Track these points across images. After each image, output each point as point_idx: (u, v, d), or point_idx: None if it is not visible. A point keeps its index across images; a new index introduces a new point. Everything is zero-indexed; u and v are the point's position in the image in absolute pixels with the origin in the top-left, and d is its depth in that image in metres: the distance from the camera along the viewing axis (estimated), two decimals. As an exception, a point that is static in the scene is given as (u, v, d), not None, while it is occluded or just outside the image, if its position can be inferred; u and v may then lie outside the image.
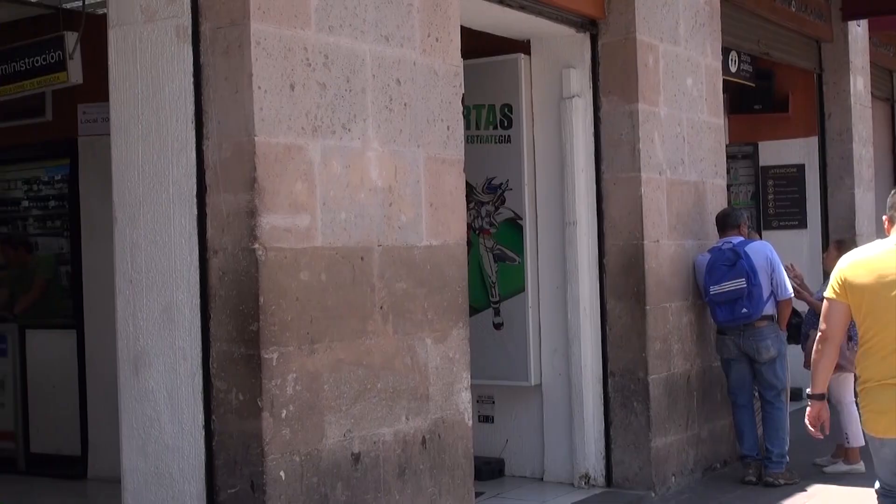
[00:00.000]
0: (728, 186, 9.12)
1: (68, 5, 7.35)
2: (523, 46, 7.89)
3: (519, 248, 7.85)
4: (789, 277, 7.86)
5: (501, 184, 7.87)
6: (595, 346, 7.68)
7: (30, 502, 8.09)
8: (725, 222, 7.97)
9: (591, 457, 7.65)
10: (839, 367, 7.84)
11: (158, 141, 5.04)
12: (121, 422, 5.19)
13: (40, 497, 8.22)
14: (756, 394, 7.98)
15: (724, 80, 9.04)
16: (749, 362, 7.78)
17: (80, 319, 8.72)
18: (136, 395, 5.12)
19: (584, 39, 7.75)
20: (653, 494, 7.47)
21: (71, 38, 7.00)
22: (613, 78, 7.69)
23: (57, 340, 8.97)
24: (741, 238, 7.79)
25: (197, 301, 4.94)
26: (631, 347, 7.60)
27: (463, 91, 6.08)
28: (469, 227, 6.59)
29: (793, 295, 7.74)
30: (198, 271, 4.94)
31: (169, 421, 5.01)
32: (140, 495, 5.09)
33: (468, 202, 6.43)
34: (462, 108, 6.07)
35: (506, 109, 7.84)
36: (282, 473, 4.84)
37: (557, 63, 7.78)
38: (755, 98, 11.69)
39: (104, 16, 5.34)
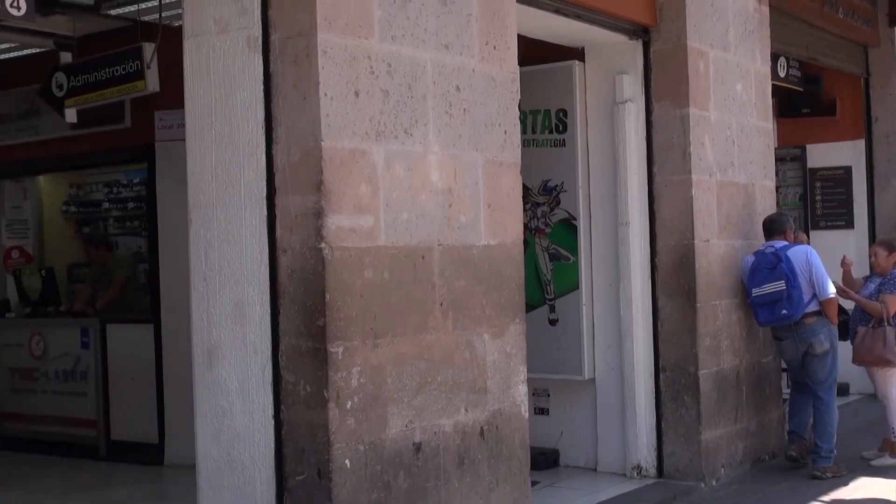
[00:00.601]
0: (776, 188, 9.01)
1: (146, 18, 7.44)
2: (578, 53, 7.85)
3: (573, 248, 7.82)
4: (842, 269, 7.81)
5: (556, 186, 7.84)
6: (647, 341, 7.63)
7: (111, 487, 8.20)
8: (771, 227, 7.90)
9: (643, 448, 7.60)
10: (886, 363, 7.80)
11: (231, 146, 5.09)
12: (195, 411, 5.24)
13: (120, 482, 8.33)
14: None
15: (772, 85, 8.93)
16: (802, 357, 7.73)
17: (157, 314, 8.82)
18: (210, 387, 5.17)
19: (636, 46, 7.70)
20: (703, 485, 7.40)
21: (148, 49, 7.08)
22: (665, 83, 7.63)
23: (135, 334, 9.09)
24: (784, 242, 7.72)
25: (267, 297, 4.98)
26: (681, 343, 7.54)
27: (519, 97, 6.06)
28: (525, 227, 6.58)
29: (834, 295, 7.64)
30: (268, 269, 4.98)
31: (240, 411, 5.05)
32: (214, 481, 5.14)
33: (524, 203, 6.41)
34: (519, 113, 6.06)
35: (561, 114, 7.81)
36: (347, 462, 4.86)
37: (611, 69, 7.74)
38: (803, 102, 11.56)
39: (180, 27, 5.39)
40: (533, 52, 7.11)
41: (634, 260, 7.62)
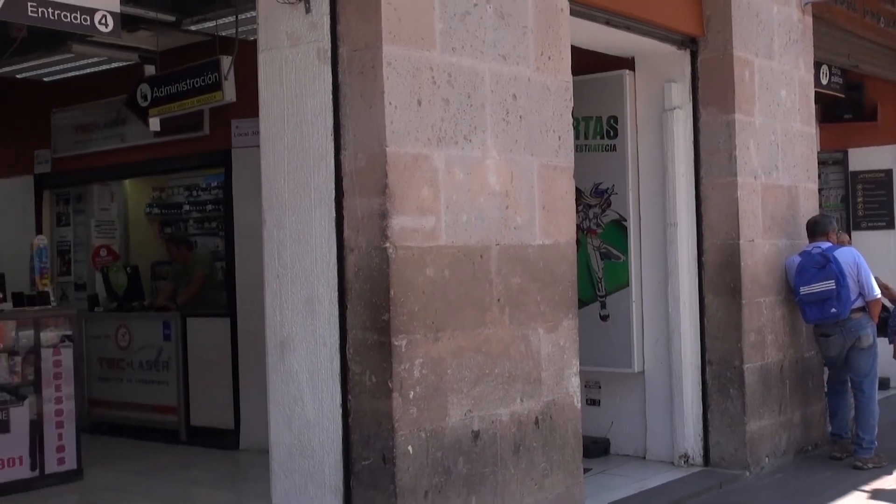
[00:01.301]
0: (819, 190, 8.89)
1: (223, 33, 7.52)
2: (628, 63, 7.81)
3: (623, 247, 7.77)
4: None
5: (608, 188, 7.80)
6: (694, 336, 7.57)
7: (190, 469, 8.31)
8: (815, 229, 7.81)
9: (690, 438, 7.54)
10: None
11: (301, 152, 5.13)
12: (269, 399, 5.29)
13: (199, 465, 8.43)
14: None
15: (815, 92, 8.80)
16: (846, 353, 7.65)
17: (233, 308, 8.91)
18: (282, 376, 5.21)
19: (684, 56, 7.63)
20: (747, 474, 7.32)
21: (226, 62, 7.15)
22: (712, 91, 7.56)
23: (213, 327, 9.18)
24: (829, 243, 7.63)
25: (335, 293, 5.01)
26: (727, 338, 7.46)
27: (572, 104, 6.03)
28: (578, 227, 6.54)
29: (879, 295, 7.55)
30: (336, 267, 5.01)
31: (310, 399, 5.09)
32: (286, 465, 5.19)
33: (577, 205, 6.38)
34: (572, 120, 6.03)
35: (612, 121, 7.77)
36: (410, 448, 4.87)
37: (660, 78, 7.68)
38: (845, 108, 11.44)
39: (255, 41, 5.44)
40: (585, 61, 7.07)
41: (682, 259, 7.56)
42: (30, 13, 4.58)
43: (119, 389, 9.79)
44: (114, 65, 9.49)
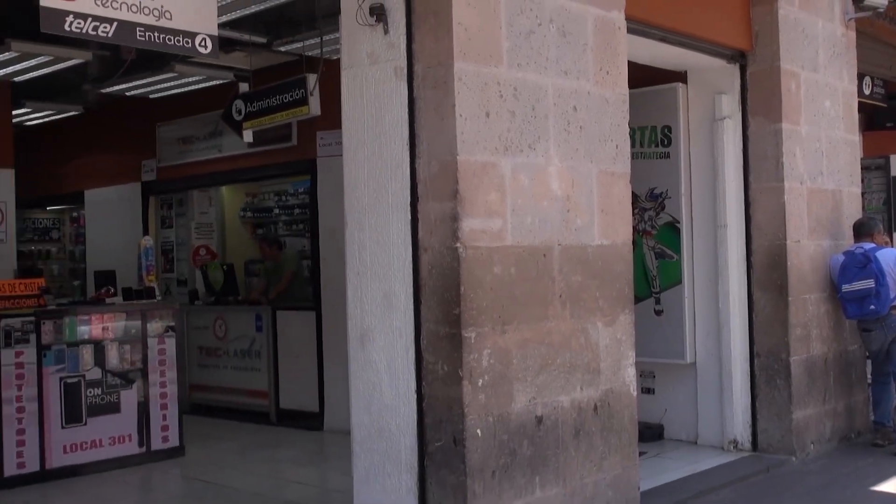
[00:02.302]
0: (862, 194, 8.68)
1: (310, 53, 7.59)
2: (680, 76, 7.72)
3: (676, 247, 7.68)
4: None
5: (662, 193, 7.72)
6: (743, 330, 7.46)
7: (280, 448, 8.40)
8: (861, 230, 7.69)
9: (739, 425, 7.43)
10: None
11: (380, 160, 5.15)
12: (350, 385, 5.32)
13: (288, 444, 8.52)
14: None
15: (858, 102, 8.61)
16: (888, 346, 7.52)
17: (318, 303, 9.00)
18: (362, 365, 5.24)
19: (734, 69, 7.52)
20: (793, 459, 7.18)
21: (311, 79, 7.22)
22: (760, 101, 7.45)
23: (300, 319, 9.28)
24: (872, 244, 7.50)
25: (410, 289, 5.02)
26: (774, 333, 7.34)
27: (629, 115, 5.98)
28: (634, 229, 6.47)
29: None
30: (411, 265, 5.02)
31: (388, 386, 5.11)
32: (366, 445, 5.22)
33: (633, 208, 6.31)
34: (628, 130, 5.97)
35: (666, 130, 7.69)
36: (478, 431, 4.87)
37: (711, 90, 7.59)
38: (887, 117, 11.30)
39: (338, 60, 5.48)
40: (640, 75, 7.00)
41: (732, 258, 7.47)
42: (138, 37, 4.67)
43: (216, 375, 9.95)
44: (212, 83, 9.65)
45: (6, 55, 8.42)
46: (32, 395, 7.14)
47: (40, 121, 12.34)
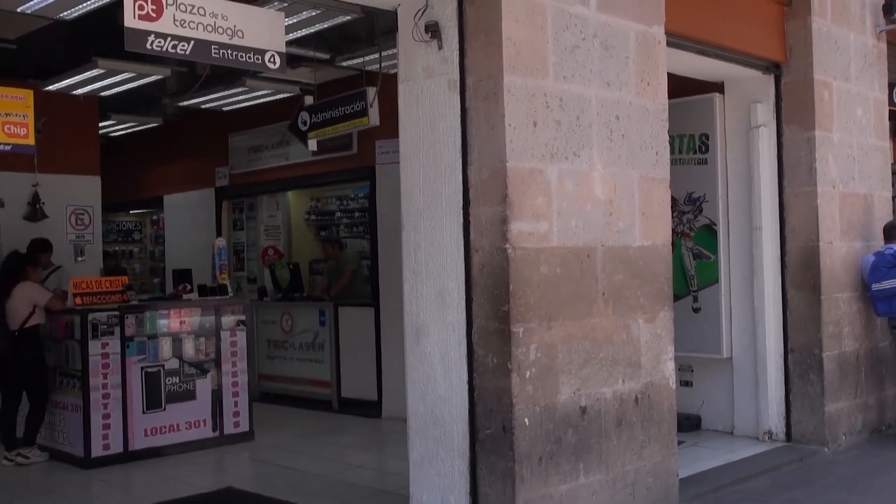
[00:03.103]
0: (893, 197, 8.49)
1: (369, 68, 7.63)
2: (717, 86, 7.62)
3: (713, 248, 7.58)
4: None
5: (699, 197, 7.63)
6: (777, 327, 7.34)
7: (342, 434, 8.44)
8: (891, 232, 7.54)
9: (774, 417, 7.31)
10: None
11: (434, 167, 5.16)
12: (407, 376, 5.34)
13: (349, 430, 8.56)
14: None
15: (889, 110, 8.42)
16: None
17: (377, 299, 9.04)
18: (418, 357, 5.25)
19: (769, 80, 7.40)
20: (826, 449, 7.05)
21: (371, 92, 7.24)
22: (794, 110, 7.32)
23: (360, 315, 9.32)
24: None
25: (462, 287, 5.02)
26: (808, 329, 7.21)
27: (668, 124, 5.92)
28: (673, 231, 6.41)
29: None
30: (463, 265, 5.02)
31: (442, 377, 5.11)
32: (421, 432, 5.23)
33: (672, 211, 6.25)
34: (668, 137, 5.91)
35: (703, 137, 7.60)
36: (526, 420, 4.85)
37: (746, 99, 7.47)
38: (917, 124, 10.91)
39: (395, 74, 5.50)
40: (680, 85, 6.94)
41: (766, 258, 7.35)
42: (213, 55, 4.74)
43: (283, 366, 10.03)
44: (279, 96, 9.74)
45: (94, 72, 8.59)
46: (116, 382, 7.27)
47: (124, 132, 12.55)
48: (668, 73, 5.94)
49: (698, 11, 6.52)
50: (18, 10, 6.29)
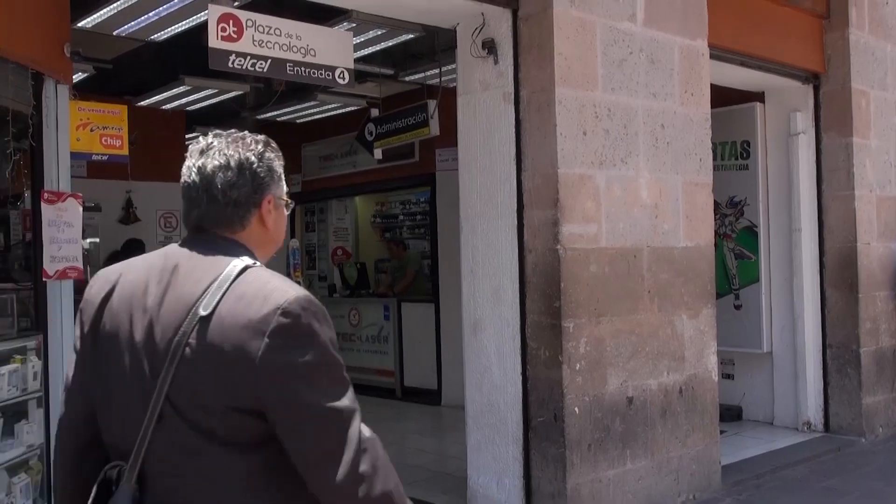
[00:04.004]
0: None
1: (430, 82, 7.65)
2: (758, 96, 7.47)
3: (754, 249, 7.44)
4: None
5: (741, 200, 7.49)
6: (815, 324, 7.17)
7: (405, 420, 8.49)
8: None
9: (812, 408, 7.14)
10: None
11: (490, 173, 5.15)
12: (464, 367, 5.35)
13: (411, 416, 8.60)
14: None
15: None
16: None
17: (437, 296, 9.05)
18: (475, 350, 5.26)
19: (808, 89, 7.24)
20: (863, 440, 6.86)
21: (431, 105, 7.26)
22: (832, 118, 7.14)
23: (421, 310, 9.35)
24: None
25: (516, 285, 5.01)
26: (845, 326, 7.03)
27: (711, 132, 5.83)
28: (716, 232, 6.31)
29: None
30: (517, 264, 5.01)
31: (497, 368, 5.11)
32: (478, 420, 5.23)
33: (715, 214, 6.15)
34: (710, 145, 5.82)
35: (745, 144, 7.46)
36: (576, 409, 4.83)
37: (786, 108, 7.32)
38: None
39: (454, 88, 5.51)
40: (722, 95, 6.82)
41: (805, 259, 7.19)
42: (288, 72, 4.80)
43: (350, 357, 10.09)
44: (347, 109, 9.80)
45: (181, 89, 8.76)
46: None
47: (207, 143, 12.75)
48: (711, 84, 5.85)
49: (740, 25, 6.41)
50: (114, 33, 6.44)
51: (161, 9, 5.91)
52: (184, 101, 9.53)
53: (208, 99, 9.45)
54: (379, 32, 6.48)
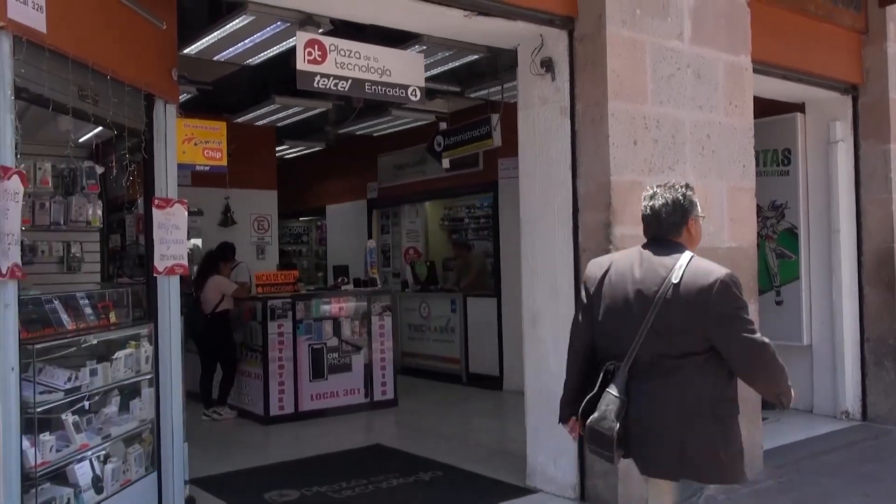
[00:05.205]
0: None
1: (493, 98, 7.63)
2: (798, 106, 7.24)
3: (795, 249, 7.21)
4: None
5: (782, 204, 7.27)
6: (853, 319, 6.92)
7: (469, 402, 8.47)
8: None
9: (850, 398, 6.89)
10: None
11: (548, 181, 5.12)
12: (524, 356, 5.32)
13: (475, 400, 8.58)
14: None
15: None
16: None
17: (499, 291, 9.03)
18: (533, 341, 5.23)
19: (847, 100, 6.99)
20: (900, 429, 6.61)
21: (494, 118, 7.25)
22: (870, 127, 6.89)
23: (485, 304, 9.33)
24: None
25: (571, 283, 4.94)
26: (882, 321, 6.77)
27: (754, 141, 5.67)
28: (758, 234, 6.13)
29: None
30: (572, 263, 4.96)
31: (553, 358, 5.05)
32: (536, 404, 5.19)
33: (757, 217, 5.97)
34: (753, 153, 5.67)
35: (786, 152, 7.24)
36: (626, 396, 4.74)
37: (826, 117, 7.08)
38: None
39: (515, 103, 5.48)
40: (765, 105, 6.63)
41: (844, 258, 6.94)
42: (367, 90, 4.85)
43: (421, 345, 10.14)
44: (419, 123, 9.86)
45: (272, 106, 8.93)
46: (289, 356, 7.52)
47: (295, 154, 12.97)
48: (754, 96, 5.70)
49: (781, 41, 6.22)
50: (215, 58, 6.60)
51: (255, 36, 6.03)
52: (274, 117, 9.71)
53: (295, 115, 9.61)
54: (447, 54, 6.50)
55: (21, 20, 3.37)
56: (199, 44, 6.23)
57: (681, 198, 2.88)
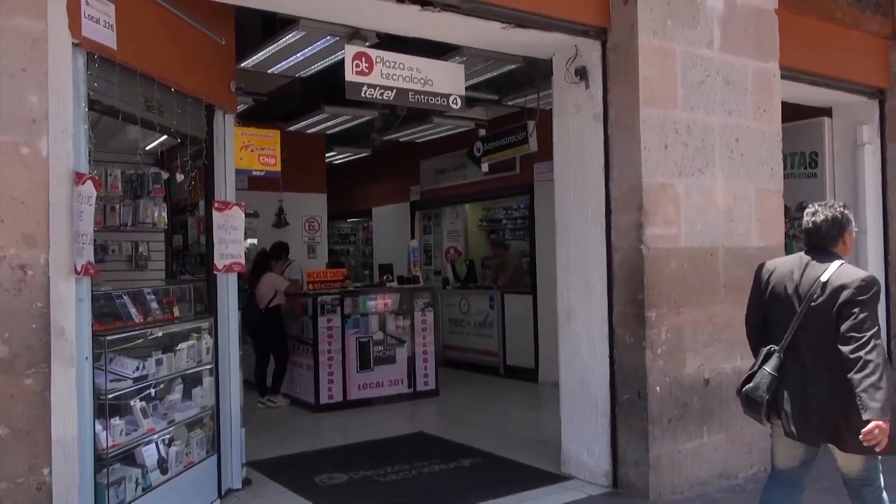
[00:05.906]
0: None
1: (529, 105, 7.60)
2: (825, 111, 7.06)
3: (822, 249, 7.04)
4: None
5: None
6: (880, 317, 6.72)
7: (506, 394, 8.44)
8: None
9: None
10: None
11: (582, 184, 5.08)
12: (559, 350, 5.29)
13: (512, 391, 8.53)
14: None
15: None
16: None
17: (535, 289, 8.97)
18: (568, 335, 5.19)
19: (873, 104, 6.80)
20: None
21: (530, 125, 7.23)
22: (897, 130, 6.70)
23: (521, 301, 9.29)
24: None
25: (605, 280, 4.92)
26: (910, 318, 6.59)
27: (782, 144, 5.55)
28: (786, 234, 6.00)
29: None
30: (605, 262, 4.92)
31: (587, 352, 5.03)
32: (571, 395, 5.16)
33: (785, 217, 5.84)
34: (781, 156, 5.55)
35: (813, 155, 7.07)
36: (658, 388, 4.70)
37: (853, 121, 6.89)
38: None
39: (550, 110, 5.45)
40: (793, 109, 6.49)
41: (871, 257, 6.76)
42: (410, 99, 4.87)
43: (461, 339, 10.14)
44: (459, 129, 9.87)
45: (322, 115, 9.02)
46: (338, 348, 7.58)
47: (343, 160, 13.07)
48: (783, 101, 5.58)
49: (809, 48, 6.08)
50: (269, 71, 6.69)
51: (306, 50, 6.10)
52: (323, 125, 9.81)
53: (343, 124, 9.69)
54: (486, 64, 6.49)
55: (94, 38, 3.45)
56: (255, 58, 6.32)
57: (839, 215, 3.25)
